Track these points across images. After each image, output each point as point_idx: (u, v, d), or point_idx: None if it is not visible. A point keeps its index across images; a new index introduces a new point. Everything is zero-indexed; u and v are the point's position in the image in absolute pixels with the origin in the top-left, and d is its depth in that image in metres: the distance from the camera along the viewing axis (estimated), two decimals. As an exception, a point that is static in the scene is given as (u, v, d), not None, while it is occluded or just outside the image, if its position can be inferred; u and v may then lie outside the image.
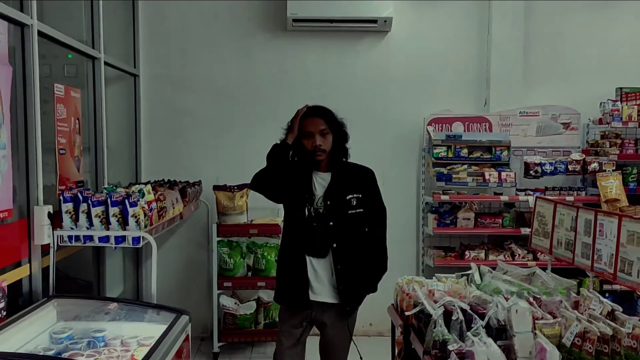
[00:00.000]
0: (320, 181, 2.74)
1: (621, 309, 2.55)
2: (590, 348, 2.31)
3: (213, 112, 4.85)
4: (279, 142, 2.74)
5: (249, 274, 4.41)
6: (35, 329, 2.52)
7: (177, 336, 2.56)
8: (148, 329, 2.67)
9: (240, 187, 4.34)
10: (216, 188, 4.39)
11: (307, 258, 2.70)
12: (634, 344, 2.28)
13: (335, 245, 2.67)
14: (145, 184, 3.65)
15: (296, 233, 2.73)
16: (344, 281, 2.68)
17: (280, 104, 4.63)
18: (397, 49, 4.91)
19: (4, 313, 2.38)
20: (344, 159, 2.81)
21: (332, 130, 2.71)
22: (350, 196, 2.71)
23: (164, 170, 4.65)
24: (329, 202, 2.69)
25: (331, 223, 2.67)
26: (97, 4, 3.75)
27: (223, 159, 4.81)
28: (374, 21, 4.70)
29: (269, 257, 4.31)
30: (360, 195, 2.73)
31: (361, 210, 2.73)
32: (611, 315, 2.54)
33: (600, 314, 2.54)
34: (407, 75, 4.92)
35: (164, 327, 2.61)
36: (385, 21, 4.69)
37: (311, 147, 2.67)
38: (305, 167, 2.74)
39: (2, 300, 2.36)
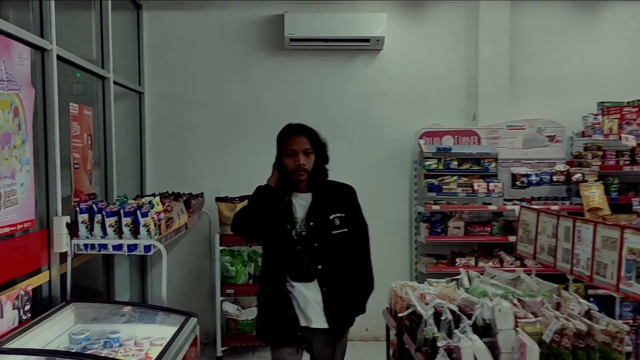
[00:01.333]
0: (301, 202, 2.64)
1: (597, 309, 2.76)
2: (567, 343, 2.51)
3: (214, 126, 5.08)
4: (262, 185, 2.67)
5: (250, 281, 4.61)
6: (56, 330, 2.71)
7: (188, 336, 2.76)
8: (159, 331, 2.87)
9: (241, 198, 4.55)
10: (218, 199, 4.61)
11: (294, 284, 2.60)
12: (607, 339, 2.49)
13: (320, 267, 2.58)
14: (153, 195, 3.86)
15: (279, 258, 2.63)
16: (332, 304, 2.60)
17: (279, 119, 4.71)
18: (390, 66, 5.17)
19: (29, 315, 2.57)
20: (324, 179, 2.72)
21: (315, 150, 2.64)
22: (333, 216, 2.62)
23: (167, 183, 4.86)
24: (312, 224, 2.59)
25: (315, 244, 2.58)
26: (106, 25, 3.98)
27: (224, 172, 5.04)
28: (367, 40, 4.96)
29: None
30: (343, 215, 2.64)
31: (345, 230, 2.64)
32: (588, 314, 2.76)
33: (579, 313, 2.75)
34: (399, 91, 5.17)
35: (174, 329, 2.80)
36: (377, 40, 4.95)
37: (294, 166, 2.58)
38: (284, 189, 2.64)
39: (28, 303, 2.55)
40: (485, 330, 2.60)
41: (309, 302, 2.59)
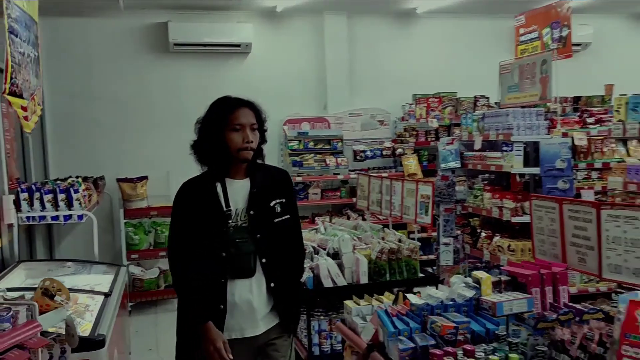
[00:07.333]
0: (237, 189, 2.33)
1: (405, 237, 4.26)
2: (385, 258, 3.95)
3: (109, 119, 5.84)
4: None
5: (151, 247, 5.52)
6: (13, 284, 3.47)
7: (124, 278, 3.71)
8: (97, 279, 3.71)
9: (140, 178, 5.42)
10: (120, 180, 5.42)
11: (233, 283, 2.26)
12: (409, 253, 3.98)
13: (264, 260, 2.30)
14: (62, 180, 4.59)
15: (213, 256, 2.25)
16: (282, 299, 2.34)
17: (168, 111, 5.80)
18: (258, 66, 6.33)
19: (-3, 270, 3.33)
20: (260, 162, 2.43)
21: (258, 128, 2.35)
22: (274, 202, 2.34)
23: (69, 169, 5.51)
24: (252, 212, 2.29)
25: (258, 236, 2.29)
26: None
27: (121, 157, 5.84)
28: (238, 45, 6.06)
29: (167, 233, 5.44)
30: (284, 200, 2.37)
31: (287, 216, 2.37)
32: (400, 240, 4.24)
33: (394, 240, 4.22)
34: (266, 86, 6.32)
35: (110, 277, 3.69)
36: (246, 45, 6.08)
37: (242, 144, 2.26)
38: (216, 175, 2.32)
39: (-3, 261, 3.31)
40: (335, 255, 3.95)
41: (253, 302, 2.28)
